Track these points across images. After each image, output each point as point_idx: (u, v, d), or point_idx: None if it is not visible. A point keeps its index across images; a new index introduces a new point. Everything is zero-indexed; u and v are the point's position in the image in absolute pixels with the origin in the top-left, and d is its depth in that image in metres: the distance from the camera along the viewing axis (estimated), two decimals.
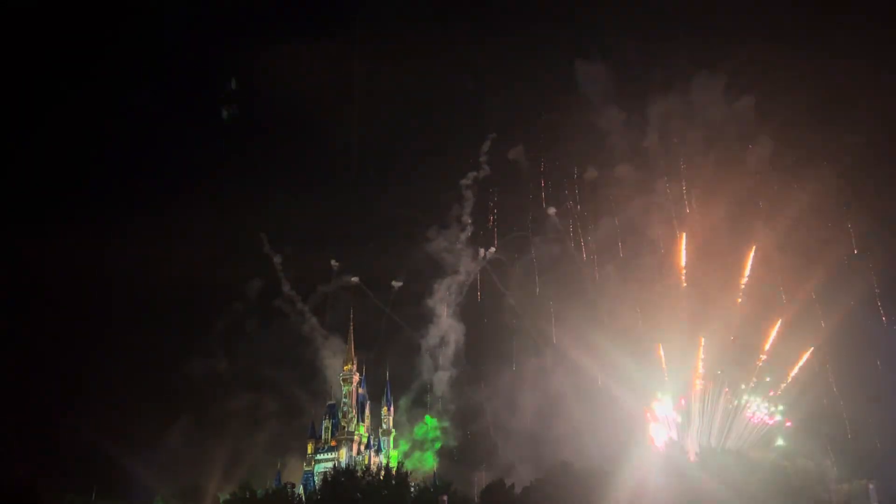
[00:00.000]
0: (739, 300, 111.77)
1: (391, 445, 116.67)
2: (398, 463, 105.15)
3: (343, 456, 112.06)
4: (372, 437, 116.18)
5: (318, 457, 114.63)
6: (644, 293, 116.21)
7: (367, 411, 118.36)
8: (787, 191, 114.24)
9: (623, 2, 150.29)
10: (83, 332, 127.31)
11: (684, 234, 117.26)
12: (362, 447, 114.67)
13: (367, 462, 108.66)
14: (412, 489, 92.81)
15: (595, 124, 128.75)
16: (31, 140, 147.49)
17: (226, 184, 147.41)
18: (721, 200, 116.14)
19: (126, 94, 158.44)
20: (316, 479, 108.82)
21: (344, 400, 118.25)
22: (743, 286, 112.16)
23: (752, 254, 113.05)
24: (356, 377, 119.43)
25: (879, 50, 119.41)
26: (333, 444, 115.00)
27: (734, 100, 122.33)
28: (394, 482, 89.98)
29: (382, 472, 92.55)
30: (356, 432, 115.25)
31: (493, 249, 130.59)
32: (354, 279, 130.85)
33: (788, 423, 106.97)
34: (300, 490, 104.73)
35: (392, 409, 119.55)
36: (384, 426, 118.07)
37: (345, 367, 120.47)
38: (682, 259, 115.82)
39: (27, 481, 79.84)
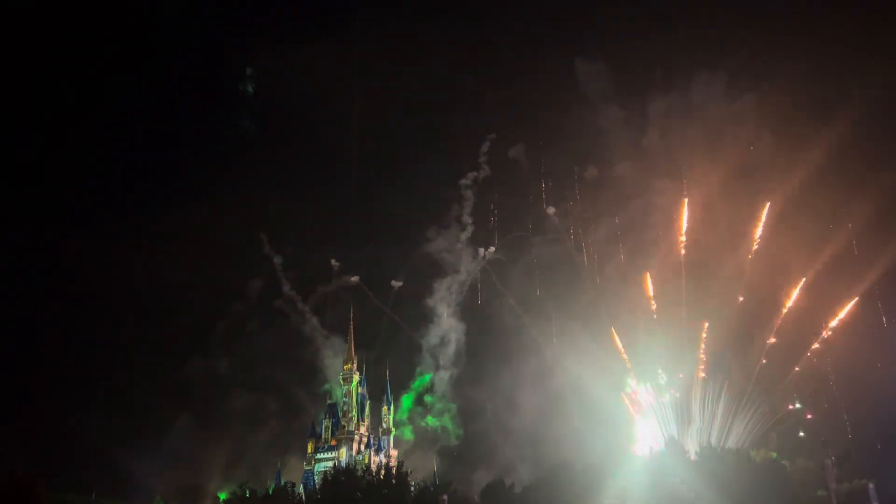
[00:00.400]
0: (741, 298, 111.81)
1: (391, 445, 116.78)
2: (398, 462, 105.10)
3: (343, 455, 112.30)
4: (372, 436, 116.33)
5: (319, 456, 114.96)
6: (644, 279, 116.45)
7: (367, 411, 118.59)
8: (786, 188, 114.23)
9: (623, 2, 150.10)
10: (83, 332, 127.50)
11: (686, 201, 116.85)
12: (362, 446, 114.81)
13: (367, 461, 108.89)
14: (412, 489, 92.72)
15: (595, 123, 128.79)
16: (31, 142, 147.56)
17: (226, 184, 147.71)
18: (720, 198, 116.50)
19: (126, 96, 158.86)
20: (316, 478, 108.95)
21: (344, 399, 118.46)
22: (747, 263, 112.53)
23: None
24: (356, 377, 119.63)
25: (879, 49, 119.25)
26: (333, 443, 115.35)
27: (735, 98, 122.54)
28: (394, 481, 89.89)
29: (382, 472, 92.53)
30: (356, 432, 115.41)
31: (493, 249, 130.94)
32: (354, 279, 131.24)
33: (809, 416, 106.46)
34: (300, 489, 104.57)
35: (392, 408, 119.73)
36: (384, 425, 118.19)
37: (345, 367, 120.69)
38: (683, 227, 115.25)
39: (27, 481, 79.60)
